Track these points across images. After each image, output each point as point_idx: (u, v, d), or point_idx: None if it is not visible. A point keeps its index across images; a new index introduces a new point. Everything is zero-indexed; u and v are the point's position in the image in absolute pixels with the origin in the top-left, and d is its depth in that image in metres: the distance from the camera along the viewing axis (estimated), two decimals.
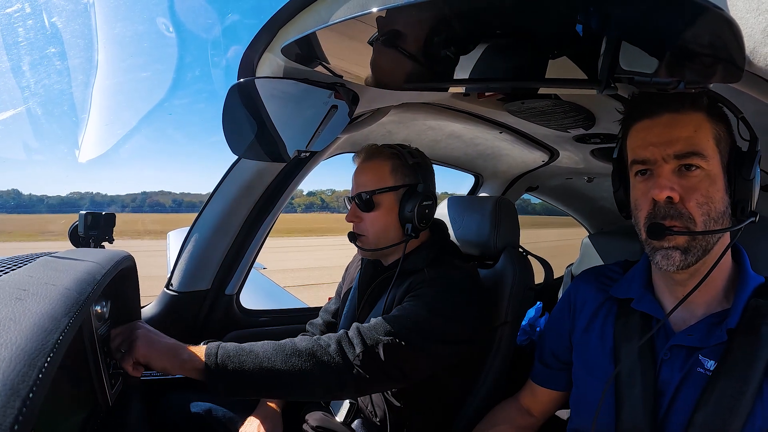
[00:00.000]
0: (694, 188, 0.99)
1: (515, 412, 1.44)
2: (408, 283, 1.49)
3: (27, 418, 0.43)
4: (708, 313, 1.06)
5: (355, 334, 1.31)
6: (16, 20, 2.05)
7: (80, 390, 0.99)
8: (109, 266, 1.00)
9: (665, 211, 1.01)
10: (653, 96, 1.04)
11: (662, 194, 0.99)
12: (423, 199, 1.53)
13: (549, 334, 1.37)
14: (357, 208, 1.59)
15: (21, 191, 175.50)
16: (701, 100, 1.00)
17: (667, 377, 1.05)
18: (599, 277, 1.29)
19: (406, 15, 0.78)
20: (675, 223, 1.00)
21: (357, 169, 1.64)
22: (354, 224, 1.61)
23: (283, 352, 1.24)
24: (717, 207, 0.99)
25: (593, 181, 2.90)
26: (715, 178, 0.99)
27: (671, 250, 1.02)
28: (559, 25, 0.76)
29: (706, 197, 0.99)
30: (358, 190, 1.58)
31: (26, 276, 0.79)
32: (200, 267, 1.87)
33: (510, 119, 1.86)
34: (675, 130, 1.00)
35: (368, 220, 1.57)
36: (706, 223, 0.99)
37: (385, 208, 1.56)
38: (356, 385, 1.28)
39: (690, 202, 0.99)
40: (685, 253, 1.01)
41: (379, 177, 1.57)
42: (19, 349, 0.49)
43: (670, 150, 1.00)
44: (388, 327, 1.31)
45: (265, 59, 1.24)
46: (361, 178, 1.60)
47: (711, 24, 0.63)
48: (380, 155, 1.60)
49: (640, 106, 1.07)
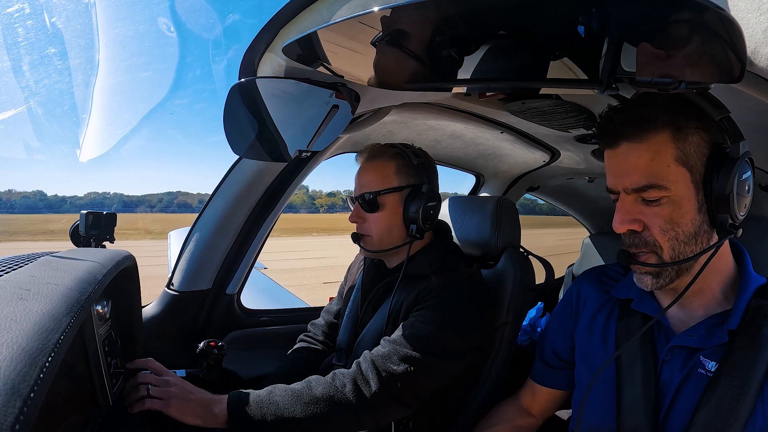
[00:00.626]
0: (657, 215, 0.99)
1: (514, 412, 1.44)
2: (416, 291, 1.48)
3: (28, 418, 0.43)
4: (707, 314, 1.06)
5: (370, 367, 1.32)
6: (17, 20, 2.05)
7: (81, 389, 0.99)
8: (110, 266, 1.00)
9: (630, 240, 1.03)
10: (610, 124, 1.03)
11: (621, 228, 1.02)
12: (428, 200, 1.53)
13: (550, 333, 1.37)
14: (360, 208, 1.58)
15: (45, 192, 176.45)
16: (663, 118, 0.97)
17: (667, 378, 1.05)
18: (601, 277, 1.29)
19: (407, 14, 0.78)
20: (642, 249, 1.02)
21: (360, 169, 1.62)
22: (357, 225, 1.60)
23: (301, 401, 1.27)
24: (685, 230, 0.99)
25: (594, 181, 2.90)
26: (680, 201, 0.98)
27: (642, 275, 1.05)
28: (560, 25, 0.76)
29: (670, 223, 0.98)
30: (361, 191, 1.57)
31: (28, 275, 0.79)
32: (201, 267, 1.87)
33: (511, 119, 1.86)
34: (631, 160, 0.99)
35: (372, 220, 1.57)
36: (674, 247, 0.99)
37: (389, 209, 1.55)
38: (373, 420, 1.32)
39: (653, 229, 0.99)
40: (657, 277, 1.03)
41: (383, 177, 1.56)
42: (21, 348, 0.49)
43: (626, 183, 1.00)
44: (401, 353, 1.32)
45: (266, 59, 1.24)
46: (364, 178, 1.59)
47: (712, 24, 0.62)
48: (384, 155, 1.59)
49: (601, 134, 1.06)
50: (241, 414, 1.25)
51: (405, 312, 1.47)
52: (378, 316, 1.57)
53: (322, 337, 1.86)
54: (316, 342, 1.85)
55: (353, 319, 1.69)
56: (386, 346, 1.36)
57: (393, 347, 1.34)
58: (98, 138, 2.62)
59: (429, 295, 1.44)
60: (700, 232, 1.00)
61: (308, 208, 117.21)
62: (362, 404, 1.29)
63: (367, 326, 1.59)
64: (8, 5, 2.01)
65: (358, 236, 1.62)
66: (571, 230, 3.84)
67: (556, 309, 1.38)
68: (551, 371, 1.36)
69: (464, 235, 1.90)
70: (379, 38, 0.86)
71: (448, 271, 1.52)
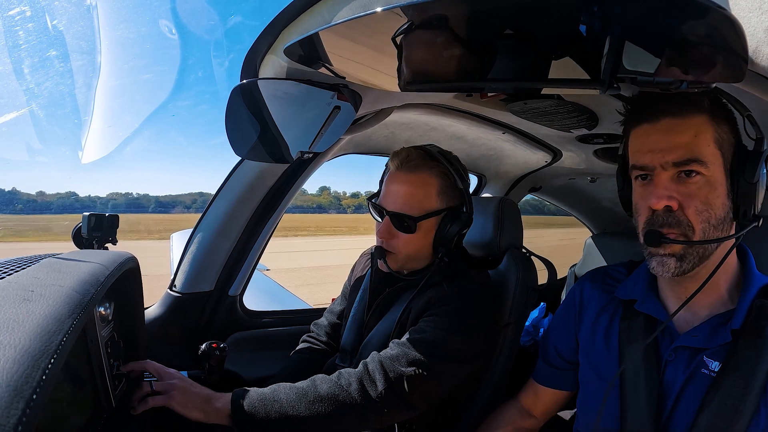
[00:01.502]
0: (694, 195, 0.98)
1: (516, 414, 1.43)
2: (427, 298, 1.46)
3: (30, 420, 0.43)
4: (711, 314, 1.06)
5: (377, 368, 1.30)
6: (18, 23, 2.06)
7: (84, 391, 0.99)
8: (112, 268, 1.00)
9: (663, 219, 1.00)
10: (653, 99, 1.03)
11: (659, 204, 0.99)
12: (464, 225, 1.49)
13: (553, 334, 1.37)
14: (392, 225, 1.47)
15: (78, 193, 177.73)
16: (702, 101, 0.98)
17: (671, 378, 1.05)
18: (604, 277, 1.29)
19: (408, 15, 0.78)
20: (672, 230, 1.00)
21: (397, 178, 1.48)
22: (384, 240, 1.50)
23: (305, 399, 1.26)
24: (717, 213, 0.98)
25: (596, 181, 2.89)
26: (715, 183, 0.98)
27: (666, 257, 1.02)
28: (562, 25, 0.76)
29: (705, 204, 0.98)
30: (397, 207, 1.46)
31: (32, 277, 0.79)
32: (203, 268, 1.87)
33: (513, 120, 1.86)
34: (674, 136, 0.99)
35: (402, 240, 1.48)
36: (705, 230, 0.98)
37: (424, 231, 1.48)
38: (378, 421, 1.30)
39: (689, 209, 0.98)
40: (681, 260, 1.01)
41: (424, 197, 1.46)
42: (23, 350, 0.49)
43: (668, 157, 0.99)
44: (410, 355, 1.31)
45: (267, 60, 1.24)
46: (402, 193, 1.46)
47: (713, 23, 0.62)
48: (428, 168, 1.46)
49: (640, 109, 1.05)
50: (244, 410, 1.23)
51: (414, 317, 1.46)
52: (386, 320, 1.55)
53: (325, 337, 1.86)
54: (319, 343, 1.84)
55: (359, 321, 1.67)
56: (395, 348, 1.35)
57: (402, 350, 1.33)
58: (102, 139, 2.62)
59: (440, 303, 1.43)
60: (727, 219, 1.00)
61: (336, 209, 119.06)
62: (368, 404, 1.27)
63: (374, 329, 1.57)
64: (10, 8, 2.02)
65: (383, 252, 1.51)
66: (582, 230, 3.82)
67: (559, 310, 1.38)
68: (555, 372, 1.35)
69: (467, 236, 1.90)
70: (380, 39, 0.86)
71: (459, 278, 1.49)
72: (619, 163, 1.17)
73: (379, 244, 1.53)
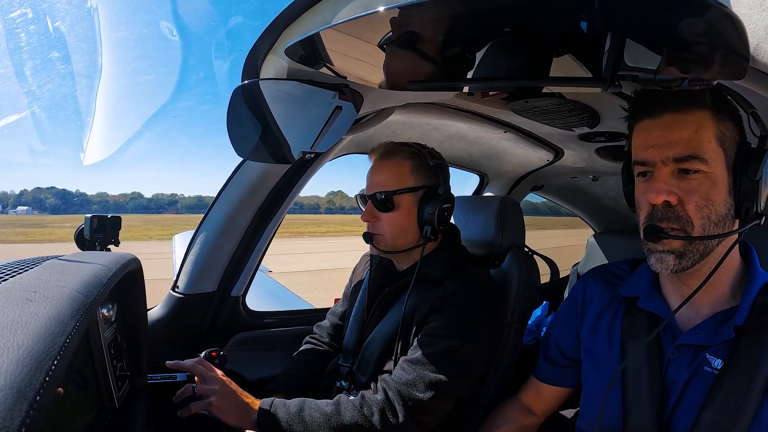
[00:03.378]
0: (694, 191, 0.98)
1: (516, 411, 1.43)
2: (431, 298, 1.47)
3: (34, 421, 0.43)
4: (714, 311, 1.06)
5: (396, 397, 1.34)
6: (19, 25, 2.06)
7: (87, 392, 0.99)
8: (115, 269, 1.01)
9: (662, 214, 1.00)
10: (655, 94, 1.02)
11: (658, 198, 0.99)
12: (443, 202, 1.52)
13: (555, 331, 1.37)
14: (373, 207, 1.55)
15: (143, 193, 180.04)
16: (704, 97, 0.98)
17: (673, 376, 1.05)
18: (607, 275, 1.29)
19: (410, 15, 0.78)
20: (672, 225, 0.99)
21: (373, 167, 1.59)
22: (370, 224, 1.57)
23: (329, 425, 1.31)
24: (718, 210, 0.98)
25: (598, 179, 2.89)
26: (716, 180, 0.98)
27: (665, 253, 1.02)
28: (563, 23, 0.76)
29: (705, 200, 0.97)
30: (375, 189, 1.54)
31: (35, 278, 0.80)
32: (206, 269, 1.88)
33: (514, 118, 1.86)
34: (675, 131, 0.99)
35: (386, 220, 1.54)
36: (705, 226, 0.98)
37: (404, 209, 1.53)
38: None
39: (689, 204, 0.98)
40: (680, 257, 1.00)
41: (399, 176, 1.53)
42: (27, 351, 0.49)
43: (669, 153, 0.98)
44: (426, 378, 1.34)
45: (269, 61, 1.24)
46: (378, 176, 1.56)
47: (714, 20, 0.62)
48: (399, 153, 1.56)
49: (642, 104, 1.05)
50: (270, 425, 1.30)
51: (420, 319, 1.46)
52: (388, 320, 1.55)
53: (327, 339, 1.86)
54: (322, 344, 1.85)
55: (359, 322, 1.67)
56: (410, 371, 1.36)
57: (417, 373, 1.35)
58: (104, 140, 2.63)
59: (445, 303, 1.44)
60: (728, 216, 0.99)
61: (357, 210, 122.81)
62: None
63: (376, 329, 1.58)
64: (11, 10, 2.02)
65: (370, 236, 1.58)
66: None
67: (561, 307, 1.38)
68: (556, 369, 1.35)
69: (469, 236, 1.90)
70: (381, 39, 0.86)
71: (461, 275, 1.51)
72: (625, 160, 1.16)
73: (366, 229, 1.59)
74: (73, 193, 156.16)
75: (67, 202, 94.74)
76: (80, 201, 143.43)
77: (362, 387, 1.54)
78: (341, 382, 1.62)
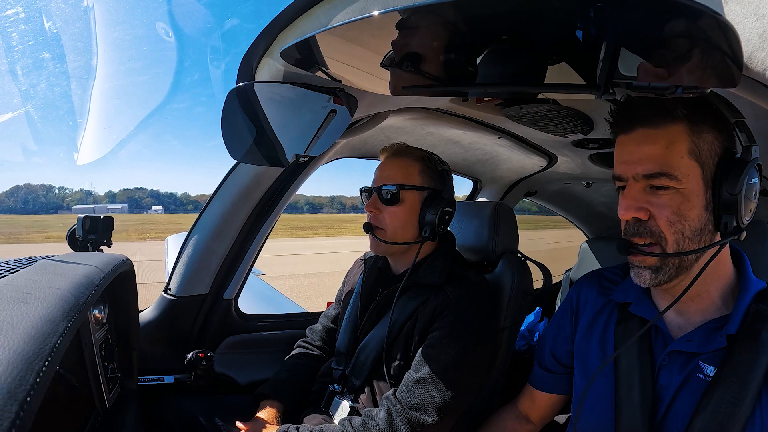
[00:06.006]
0: (665, 206, 0.98)
1: (513, 419, 1.43)
2: (432, 304, 1.48)
3: (24, 423, 0.43)
4: (705, 320, 1.06)
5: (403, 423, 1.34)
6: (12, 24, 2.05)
7: (78, 394, 0.99)
8: (107, 270, 1.00)
9: (634, 229, 1.01)
10: (628, 109, 1.02)
11: (627, 215, 1.00)
12: (446, 205, 1.55)
13: (550, 338, 1.37)
14: (378, 199, 1.58)
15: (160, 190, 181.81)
16: (677, 110, 0.97)
17: (665, 383, 1.05)
18: (600, 280, 1.29)
19: (405, 20, 0.78)
20: (646, 240, 1.00)
21: (384, 163, 1.63)
22: (372, 215, 1.59)
23: None
24: (692, 225, 0.98)
25: (591, 186, 2.90)
26: (689, 195, 0.97)
27: (642, 269, 1.03)
28: (557, 30, 0.76)
29: (677, 215, 0.97)
30: (382, 182, 1.58)
31: (28, 279, 0.79)
32: (198, 271, 1.87)
33: (509, 124, 1.86)
34: (645, 146, 0.99)
35: (388, 213, 1.56)
36: (679, 241, 0.98)
37: (408, 205, 1.56)
38: None
39: (660, 219, 0.98)
40: (656, 272, 1.01)
41: (408, 174, 1.57)
42: (17, 352, 0.49)
43: (638, 169, 0.99)
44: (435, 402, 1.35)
45: (264, 63, 1.24)
46: (388, 171, 1.59)
47: (708, 29, 0.63)
48: (411, 154, 1.61)
49: (617, 120, 1.05)
50: None
51: (422, 326, 1.47)
52: (384, 325, 1.55)
53: (319, 342, 1.86)
54: (314, 348, 1.84)
55: (353, 324, 1.67)
56: (418, 394, 1.36)
57: (425, 396, 1.35)
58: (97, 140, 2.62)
59: (447, 310, 1.44)
60: (705, 230, 0.99)
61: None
62: None
63: (371, 333, 1.58)
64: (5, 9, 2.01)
65: (370, 227, 1.60)
66: None
67: (556, 314, 1.38)
68: (551, 376, 1.35)
69: (462, 241, 1.90)
70: (377, 43, 0.86)
71: (461, 281, 1.52)
72: None
73: (368, 220, 1.62)
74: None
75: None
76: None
77: (355, 390, 1.54)
78: (334, 385, 1.61)
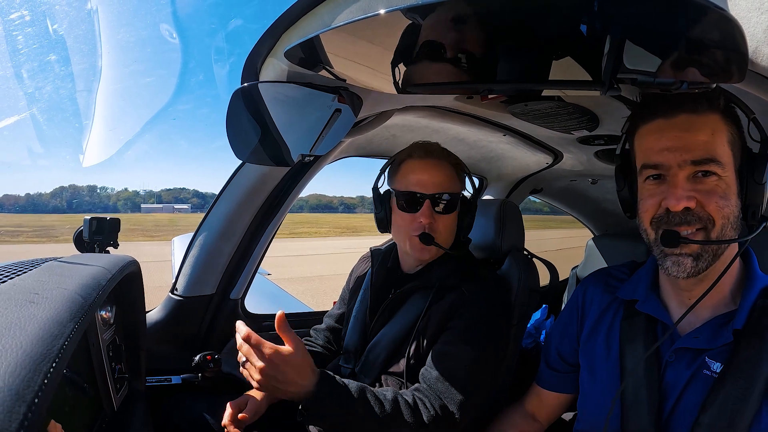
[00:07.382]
0: (713, 192, 0.96)
1: (520, 418, 1.43)
2: (448, 302, 1.46)
3: (32, 423, 0.43)
4: (714, 315, 1.05)
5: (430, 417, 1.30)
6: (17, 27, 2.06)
7: (85, 395, 0.99)
8: (114, 271, 1.01)
9: (681, 218, 0.98)
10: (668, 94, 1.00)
11: (679, 205, 0.97)
12: (475, 209, 1.55)
13: (556, 337, 1.36)
14: (431, 207, 1.48)
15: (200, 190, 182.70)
16: (718, 99, 0.96)
17: (672, 379, 1.04)
18: (607, 278, 1.28)
19: (409, 18, 0.78)
20: (693, 227, 0.98)
21: (422, 165, 1.51)
22: (426, 225, 1.47)
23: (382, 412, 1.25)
24: (734, 211, 0.97)
25: (597, 182, 2.89)
26: (730, 183, 0.97)
27: (683, 256, 1.00)
28: (562, 26, 0.76)
29: (725, 200, 0.96)
30: (436, 189, 1.48)
31: (35, 280, 0.79)
32: (205, 271, 1.87)
33: (514, 122, 1.86)
34: (692, 133, 0.96)
35: (442, 222, 1.50)
36: (724, 226, 0.97)
37: (456, 213, 1.53)
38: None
39: (710, 205, 0.96)
40: (697, 259, 0.99)
41: (454, 179, 1.52)
42: (25, 354, 0.49)
43: (687, 156, 0.96)
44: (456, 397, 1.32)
45: (268, 63, 1.24)
46: (437, 177, 1.49)
47: (713, 24, 0.62)
48: (446, 157, 1.54)
49: (653, 104, 1.02)
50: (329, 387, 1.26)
51: (436, 324, 1.45)
52: (397, 323, 1.53)
53: (322, 341, 1.85)
54: (319, 347, 1.84)
55: (362, 322, 1.65)
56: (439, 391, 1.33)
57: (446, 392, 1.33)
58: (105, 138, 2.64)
59: (464, 308, 1.43)
60: (739, 219, 0.99)
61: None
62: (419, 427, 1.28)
63: (382, 331, 1.56)
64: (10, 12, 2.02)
65: (430, 237, 1.47)
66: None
67: (562, 312, 1.37)
68: (558, 375, 1.35)
69: None
70: (381, 42, 0.86)
71: (476, 279, 1.50)
72: (618, 163, 1.14)
73: (422, 230, 1.48)
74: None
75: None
76: None
77: None
78: None
